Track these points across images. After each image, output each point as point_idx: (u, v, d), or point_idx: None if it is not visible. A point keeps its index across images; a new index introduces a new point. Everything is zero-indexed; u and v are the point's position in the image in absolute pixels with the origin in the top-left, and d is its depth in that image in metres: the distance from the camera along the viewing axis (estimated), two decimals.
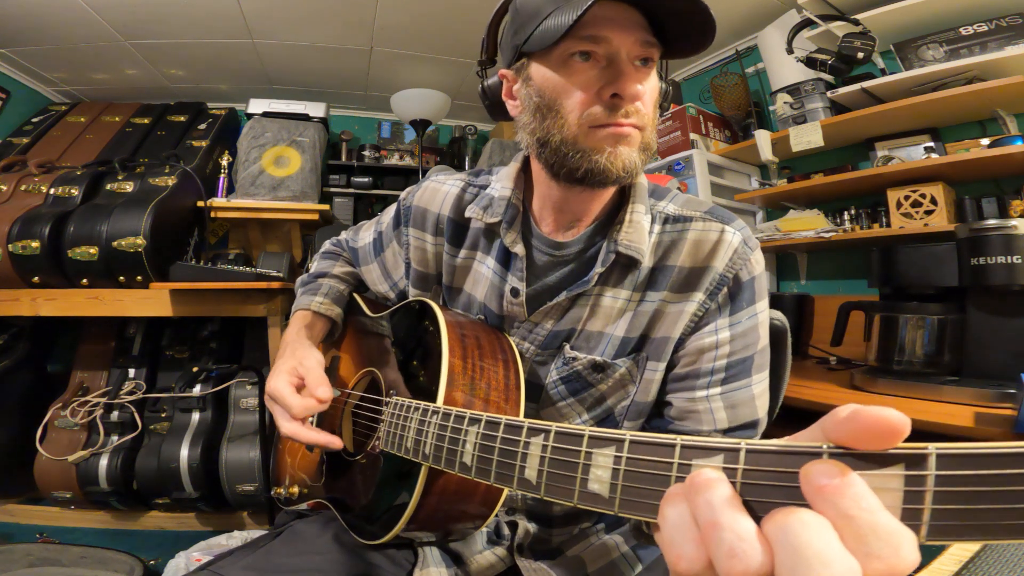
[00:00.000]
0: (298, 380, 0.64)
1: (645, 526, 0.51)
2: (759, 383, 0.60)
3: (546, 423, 0.34)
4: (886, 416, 0.21)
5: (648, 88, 0.54)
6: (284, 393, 0.61)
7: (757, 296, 0.60)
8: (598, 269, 0.59)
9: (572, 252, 0.62)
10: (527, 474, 0.34)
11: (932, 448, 0.21)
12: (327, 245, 0.89)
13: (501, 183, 0.66)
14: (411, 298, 0.71)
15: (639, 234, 0.59)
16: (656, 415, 0.65)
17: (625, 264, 0.60)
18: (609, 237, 0.60)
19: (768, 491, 0.24)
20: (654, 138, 0.56)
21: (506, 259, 0.65)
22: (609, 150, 0.52)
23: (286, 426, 0.61)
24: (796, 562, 0.20)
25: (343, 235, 0.88)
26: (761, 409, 0.61)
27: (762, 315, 0.60)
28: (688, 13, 0.49)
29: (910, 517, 0.21)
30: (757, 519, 0.23)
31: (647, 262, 0.60)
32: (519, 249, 0.62)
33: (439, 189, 0.71)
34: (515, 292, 0.63)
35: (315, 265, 0.85)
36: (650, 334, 0.61)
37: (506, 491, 0.56)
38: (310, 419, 0.70)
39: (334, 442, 0.61)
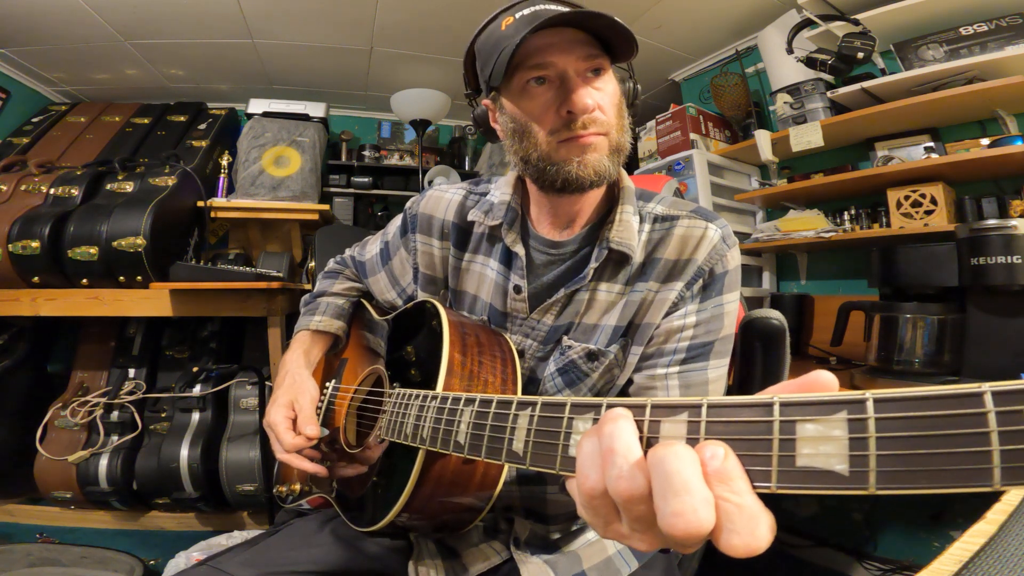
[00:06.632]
0: (294, 413, 0.70)
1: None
2: (716, 369, 0.63)
3: (534, 397, 0.36)
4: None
5: (606, 94, 0.59)
6: (279, 429, 0.68)
7: (726, 289, 0.64)
8: (593, 265, 0.63)
9: (568, 251, 0.67)
10: (515, 446, 0.36)
11: (869, 394, 0.22)
12: (330, 264, 0.92)
13: (500, 189, 0.71)
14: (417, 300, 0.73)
15: (629, 232, 0.64)
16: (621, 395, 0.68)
17: (618, 260, 0.65)
18: (601, 236, 0.64)
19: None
20: (625, 138, 0.61)
21: (508, 260, 0.69)
22: (577, 160, 0.58)
23: (281, 455, 0.68)
24: (665, 486, 0.24)
25: (348, 252, 0.91)
26: (714, 394, 0.63)
27: (728, 306, 0.64)
28: (609, 26, 0.55)
29: (858, 464, 0.21)
30: None
31: (638, 258, 0.64)
32: (519, 249, 0.66)
33: (442, 197, 0.75)
34: (518, 289, 0.67)
35: (317, 286, 0.89)
36: (637, 321, 0.65)
37: (501, 483, 0.58)
38: (318, 409, 0.74)
39: (320, 472, 0.68)
